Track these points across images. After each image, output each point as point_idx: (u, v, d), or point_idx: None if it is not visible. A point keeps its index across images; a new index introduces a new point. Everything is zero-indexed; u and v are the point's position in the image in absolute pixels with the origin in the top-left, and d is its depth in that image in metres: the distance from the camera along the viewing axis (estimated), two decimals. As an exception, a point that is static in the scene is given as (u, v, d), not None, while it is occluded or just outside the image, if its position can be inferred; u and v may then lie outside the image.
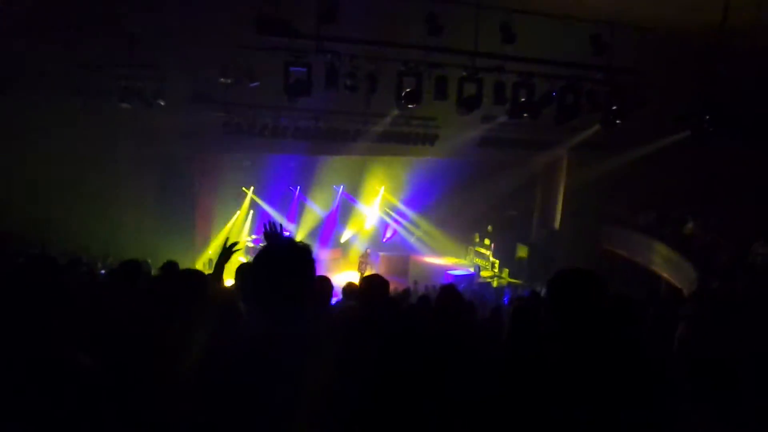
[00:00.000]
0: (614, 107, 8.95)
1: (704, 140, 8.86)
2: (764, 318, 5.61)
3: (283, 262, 2.10)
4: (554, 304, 2.31)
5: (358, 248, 22.32)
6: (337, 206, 23.20)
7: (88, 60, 10.53)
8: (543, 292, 17.25)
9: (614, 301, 6.25)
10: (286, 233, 2.86)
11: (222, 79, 12.08)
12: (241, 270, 3.87)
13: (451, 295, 4.00)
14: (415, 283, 17.36)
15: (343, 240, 23.57)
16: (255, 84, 11.85)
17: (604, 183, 18.83)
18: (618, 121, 9.20)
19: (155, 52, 11.15)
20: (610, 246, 19.32)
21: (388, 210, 24.38)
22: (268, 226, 2.89)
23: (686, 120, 8.83)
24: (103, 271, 9.82)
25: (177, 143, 15.74)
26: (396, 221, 24.51)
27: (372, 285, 3.69)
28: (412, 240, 24.44)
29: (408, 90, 8.67)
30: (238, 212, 20.83)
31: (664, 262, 16.72)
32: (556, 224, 21.21)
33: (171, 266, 5.42)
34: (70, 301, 2.37)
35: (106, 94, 10.70)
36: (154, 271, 12.26)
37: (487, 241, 23.30)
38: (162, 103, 10.85)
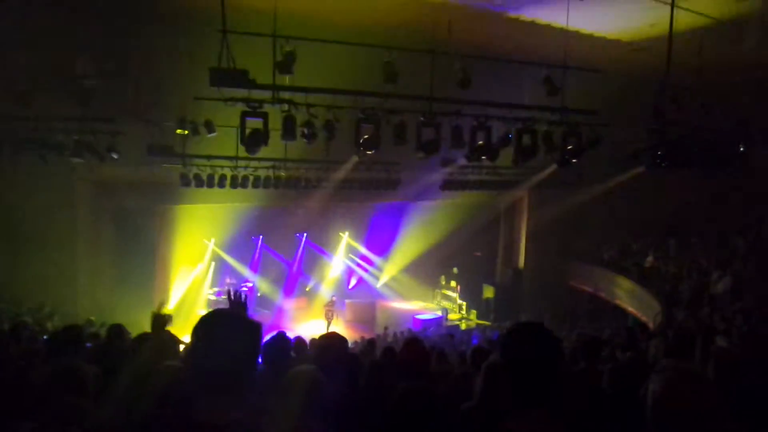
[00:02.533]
0: (569, 147, 9.12)
1: (658, 175, 9.11)
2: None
3: (229, 341, 1.85)
4: (508, 363, 2.20)
5: (324, 296, 21.96)
6: (301, 254, 22.90)
7: (41, 113, 10.29)
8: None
9: (579, 345, 6.17)
10: (246, 303, 2.67)
11: (179, 131, 11.96)
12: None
13: (416, 349, 3.85)
14: (386, 328, 17.09)
15: (307, 289, 23.18)
16: (212, 134, 11.74)
17: (565, 220, 19.15)
18: (573, 160, 9.36)
19: (110, 105, 10.99)
20: (575, 282, 19.49)
21: (352, 256, 24.18)
22: (232, 295, 2.69)
23: (639, 156, 9.05)
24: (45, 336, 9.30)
25: (134, 195, 15.38)
26: (361, 267, 24.29)
27: (328, 347, 3.50)
28: (377, 286, 24.21)
29: (366, 137, 8.66)
30: (199, 264, 20.32)
31: (628, 296, 16.91)
32: (521, 263, 21.37)
33: (117, 330, 5.12)
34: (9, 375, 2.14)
35: (59, 148, 10.42)
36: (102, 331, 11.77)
37: (453, 283, 23.25)
38: (115, 157, 10.60)
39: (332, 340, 3.53)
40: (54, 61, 11.67)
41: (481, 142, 8.85)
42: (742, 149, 11.48)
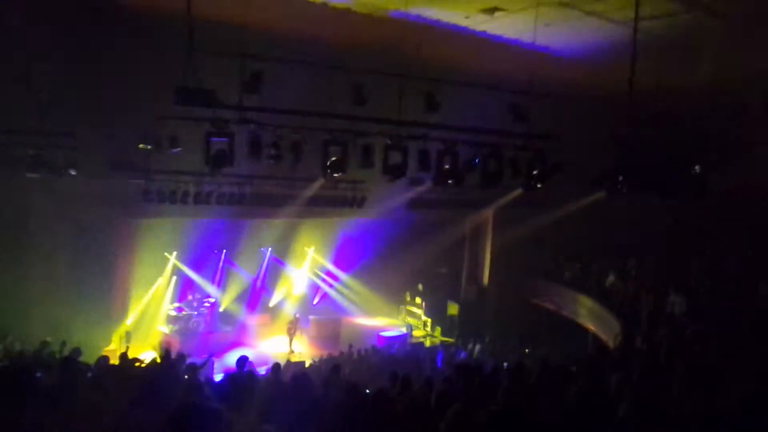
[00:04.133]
0: (534, 172, 9.26)
1: (619, 199, 9.31)
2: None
3: None
4: None
5: (288, 313, 21.70)
6: (265, 270, 22.59)
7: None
8: (476, 350, 17.24)
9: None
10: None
11: (141, 146, 11.67)
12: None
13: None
14: (350, 346, 16.97)
15: (271, 305, 22.87)
16: (176, 151, 11.50)
17: (529, 239, 19.39)
18: (539, 185, 9.50)
19: (68, 118, 10.69)
20: (538, 300, 19.72)
21: (317, 272, 23.99)
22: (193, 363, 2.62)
23: (601, 182, 9.24)
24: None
25: (93, 209, 14.94)
26: (326, 283, 24.12)
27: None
28: (342, 302, 24.06)
29: (333, 159, 8.63)
30: (160, 279, 19.85)
31: (589, 315, 17.18)
32: (485, 281, 21.55)
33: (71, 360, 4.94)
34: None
35: (13, 163, 10.06)
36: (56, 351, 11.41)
37: (418, 300, 23.28)
38: (74, 173, 10.29)
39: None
40: (10, 72, 11.31)
41: (447, 167, 8.91)
42: (698, 171, 11.81)
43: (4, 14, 10.96)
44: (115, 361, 9.70)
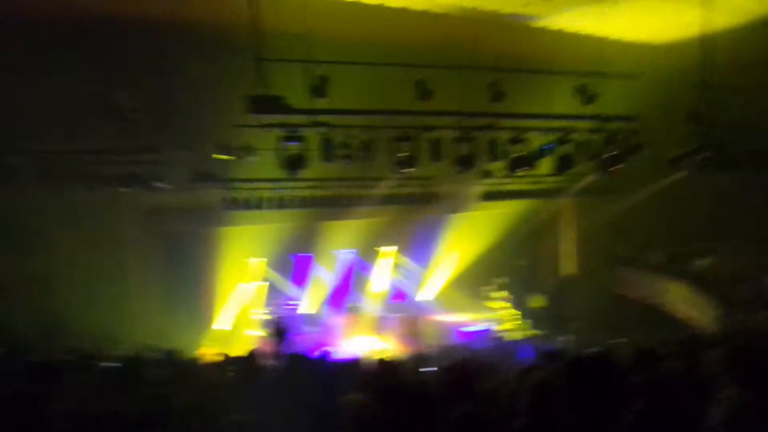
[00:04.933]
0: (609, 154, 8.98)
1: (701, 179, 8.89)
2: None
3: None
4: (570, 398, 2.19)
5: (370, 312, 21.98)
6: (345, 271, 23.00)
7: (88, 148, 10.73)
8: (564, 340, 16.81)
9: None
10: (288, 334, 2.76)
11: (217, 156, 12.27)
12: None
13: (461, 372, 3.83)
14: (433, 343, 16.98)
15: (353, 305, 23.24)
16: (253, 158, 12.02)
17: (612, 226, 18.72)
18: (614, 168, 9.20)
19: (154, 135, 11.39)
20: (624, 290, 19.00)
21: (396, 271, 24.15)
22: (274, 325, 2.78)
23: (682, 161, 8.84)
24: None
25: (180, 220, 15.81)
26: (405, 281, 24.24)
27: (383, 373, 3.55)
28: (422, 299, 24.08)
29: (403, 155, 8.73)
30: (245, 284, 20.64)
31: (680, 302, 16.38)
32: (568, 271, 20.97)
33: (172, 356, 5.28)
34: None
35: (107, 180, 10.84)
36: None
37: (499, 294, 22.94)
38: (162, 186, 10.95)
39: (385, 367, 3.57)
40: (97, 94, 12.19)
41: (518, 155, 8.80)
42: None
43: (87, 43, 11.85)
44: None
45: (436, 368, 7.24)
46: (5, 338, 9.12)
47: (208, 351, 17.09)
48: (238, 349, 18.82)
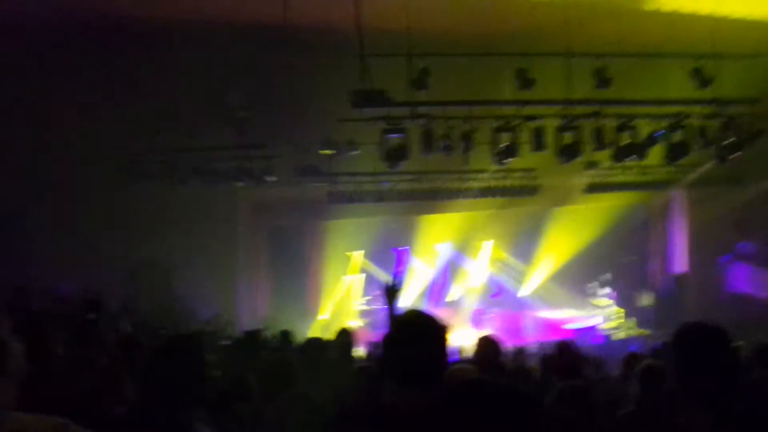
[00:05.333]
0: (727, 141, 8.41)
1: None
2: None
3: (425, 340, 2.07)
4: (680, 366, 2.14)
5: (469, 306, 21.91)
6: (445, 265, 23.04)
7: (205, 145, 11.53)
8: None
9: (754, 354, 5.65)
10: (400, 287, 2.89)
11: (322, 151, 12.75)
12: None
13: (569, 352, 3.83)
14: (537, 340, 16.68)
15: (452, 299, 23.25)
16: (355, 152, 12.38)
17: (730, 220, 17.47)
18: (733, 155, 8.61)
19: (263, 132, 12.03)
20: (744, 288, 17.68)
21: (496, 265, 23.85)
22: (387, 285, 2.93)
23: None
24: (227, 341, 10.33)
25: (287, 213, 16.61)
26: (505, 276, 23.89)
27: (485, 347, 3.63)
28: (524, 294, 23.63)
29: (504, 145, 8.67)
30: (348, 276, 21.25)
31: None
32: (681, 267, 19.79)
33: (287, 335, 5.64)
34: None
35: (221, 174, 11.60)
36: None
37: (605, 290, 22.03)
38: (272, 179, 11.55)
39: (488, 343, 3.65)
40: (209, 96, 13.05)
41: (625, 143, 8.46)
42: None
43: (202, 48, 12.71)
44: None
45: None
46: (135, 318, 10.03)
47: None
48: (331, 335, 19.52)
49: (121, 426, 2.03)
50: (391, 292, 2.82)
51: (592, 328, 20.00)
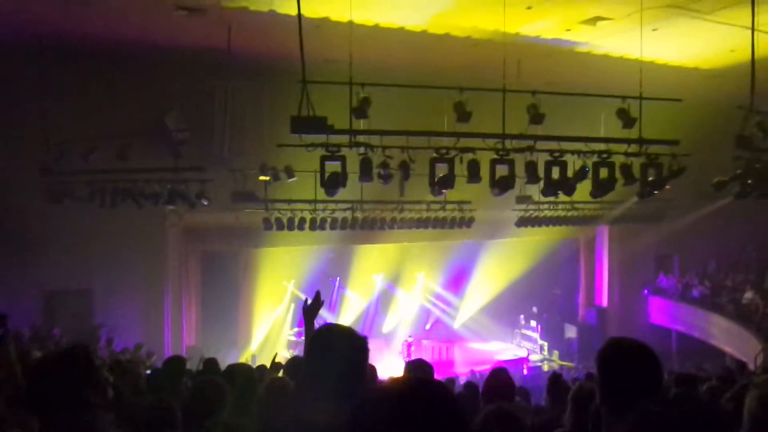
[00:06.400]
0: (650, 178, 8.90)
1: (748, 205, 8.71)
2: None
3: (343, 352, 2.05)
4: (606, 378, 2.19)
5: (401, 337, 21.91)
6: (378, 295, 23.03)
7: (138, 167, 11.17)
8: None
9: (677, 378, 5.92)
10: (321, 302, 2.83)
11: (261, 177, 12.60)
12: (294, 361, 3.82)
13: (502, 377, 3.87)
14: (472, 372, 16.82)
15: (384, 329, 23.21)
16: (293, 179, 12.30)
17: (649, 255, 18.40)
18: (655, 192, 9.12)
19: (199, 156, 11.80)
20: (663, 321, 18.58)
21: (428, 297, 24.07)
22: (306, 303, 2.85)
23: (725, 187, 8.71)
24: (148, 372, 9.85)
25: (219, 240, 16.21)
26: (437, 307, 24.12)
27: (416, 371, 3.61)
28: (455, 326, 23.90)
29: (441, 176, 8.82)
30: (280, 306, 20.85)
31: (723, 335, 15.93)
32: (603, 301, 20.62)
33: (211, 363, 5.42)
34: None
35: (154, 197, 11.23)
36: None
37: (533, 323, 22.63)
38: (206, 203, 11.28)
39: (419, 365, 3.62)
40: (146, 118, 12.74)
41: (556, 177, 8.80)
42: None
43: (138, 71, 12.47)
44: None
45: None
46: (46, 345, 9.43)
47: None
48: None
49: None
50: (311, 309, 2.75)
51: (520, 360, 20.41)
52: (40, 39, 11.33)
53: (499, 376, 4.00)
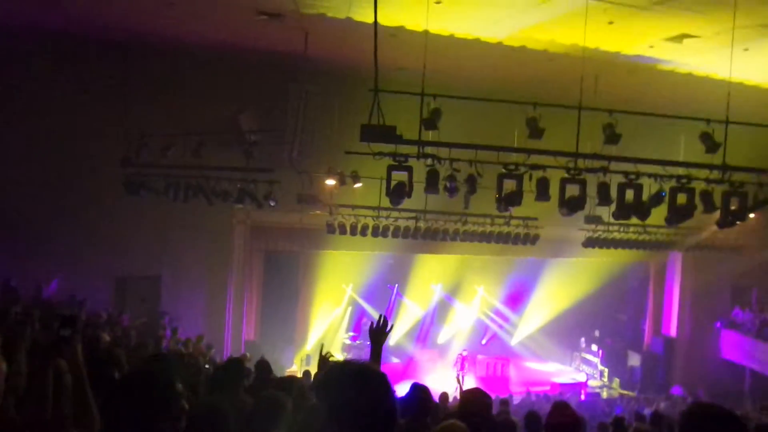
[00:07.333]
0: (732, 207, 8.40)
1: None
2: None
3: (350, 392, 1.88)
4: None
5: (456, 349, 21.63)
6: (435, 306, 22.85)
7: (210, 165, 11.55)
8: (663, 407, 15.74)
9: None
10: (388, 329, 2.77)
11: (327, 182, 12.77)
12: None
13: (567, 417, 3.70)
14: (528, 393, 16.45)
15: (440, 340, 22.99)
16: (358, 185, 12.40)
17: (726, 285, 17.44)
18: (737, 222, 8.60)
19: (270, 157, 12.09)
20: (736, 357, 17.53)
21: (487, 311, 23.67)
22: (374, 323, 2.80)
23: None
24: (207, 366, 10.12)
25: (283, 240, 16.56)
26: (495, 323, 23.68)
27: (473, 399, 3.50)
28: (512, 343, 23.39)
29: (508, 191, 8.63)
30: (338, 308, 21.04)
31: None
32: (672, 331, 19.67)
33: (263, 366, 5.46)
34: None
35: (224, 195, 11.58)
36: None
37: (594, 347, 21.82)
38: (273, 204, 11.52)
39: (478, 396, 3.53)
40: (221, 117, 13.18)
41: (630, 200, 8.44)
42: None
43: (217, 72, 12.93)
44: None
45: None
46: (116, 331, 9.84)
47: (297, 369, 17.53)
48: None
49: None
50: (378, 333, 2.69)
51: (578, 384, 19.73)
52: (128, 38, 11.93)
53: (564, 412, 3.84)
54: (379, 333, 2.68)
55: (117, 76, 12.51)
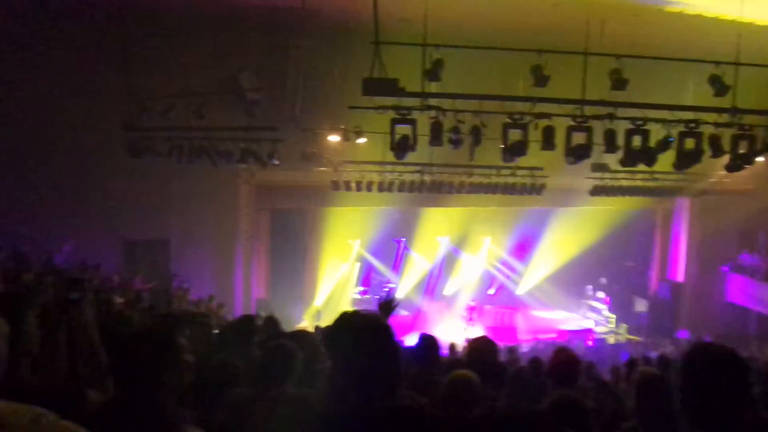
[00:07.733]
0: (740, 151, 8.30)
1: None
2: None
3: (355, 340, 2.00)
4: (691, 387, 2.05)
5: (463, 301, 21.89)
6: (442, 258, 22.99)
7: (213, 125, 11.45)
8: (669, 351, 15.97)
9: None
10: (396, 305, 2.82)
11: (331, 138, 12.67)
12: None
13: (567, 360, 3.77)
14: (536, 340, 16.71)
15: (447, 293, 23.23)
16: (362, 140, 12.30)
17: (734, 230, 17.43)
18: (745, 166, 8.52)
19: (271, 115, 11.97)
20: (742, 301, 17.65)
21: (494, 262, 23.79)
22: (383, 297, 2.85)
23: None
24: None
25: (288, 198, 16.57)
26: (502, 273, 23.85)
27: (481, 347, 3.55)
28: (519, 293, 23.61)
29: (513, 142, 8.55)
30: (346, 264, 21.20)
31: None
32: (679, 276, 19.77)
33: (272, 322, 5.52)
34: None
35: (227, 155, 11.52)
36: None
37: (601, 294, 22.00)
38: (276, 163, 11.46)
39: (485, 344, 3.57)
40: (222, 77, 12.98)
41: (637, 146, 8.35)
42: None
43: (215, 31, 12.65)
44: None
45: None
46: (128, 294, 9.97)
47: (308, 325, 17.81)
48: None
49: (102, 420, 1.95)
50: (386, 308, 2.73)
51: (585, 331, 19.98)
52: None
53: (564, 355, 3.91)
54: (386, 307, 2.73)
55: (115, 37, 12.28)
